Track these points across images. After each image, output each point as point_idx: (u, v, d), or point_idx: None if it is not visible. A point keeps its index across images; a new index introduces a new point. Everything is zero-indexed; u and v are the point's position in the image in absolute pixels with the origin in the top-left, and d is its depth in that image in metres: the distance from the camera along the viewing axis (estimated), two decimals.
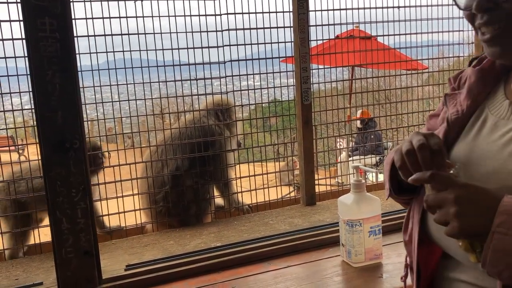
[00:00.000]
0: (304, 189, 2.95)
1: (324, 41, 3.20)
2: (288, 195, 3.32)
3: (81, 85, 2.45)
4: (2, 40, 2.29)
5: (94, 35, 2.54)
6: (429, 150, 0.92)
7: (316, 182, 3.04)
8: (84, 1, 2.48)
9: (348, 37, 3.83)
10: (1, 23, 2.28)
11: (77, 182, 1.91)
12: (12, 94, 2.48)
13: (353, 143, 7.72)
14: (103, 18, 2.53)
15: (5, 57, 2.37)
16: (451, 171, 0.90)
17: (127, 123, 3.25)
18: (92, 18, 2.51)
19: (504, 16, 0.89)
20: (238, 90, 3.11)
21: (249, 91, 3.12)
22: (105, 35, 2.56)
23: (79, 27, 2.44)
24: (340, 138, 6.73)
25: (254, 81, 2.94)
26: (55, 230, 1.89)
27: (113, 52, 2.60)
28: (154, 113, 3.04)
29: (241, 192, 3.00)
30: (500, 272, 0.80)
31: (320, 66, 3.64)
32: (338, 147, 6.33)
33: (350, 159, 6.37)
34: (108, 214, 2.64)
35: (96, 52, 2.57)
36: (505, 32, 0.90)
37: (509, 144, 0.94)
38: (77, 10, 2.41)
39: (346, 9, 3.03)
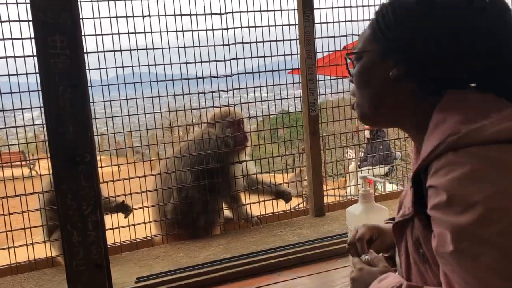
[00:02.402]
0: (312, 200, 2.96)
1: (330, 52, 3.23)
2: (297, 207, 3.32)
3: (91, 100, 2.50)
4: (14, 57, 2.34)
5: (104, 51, 2.59)
6: (353, 243, 1.25)
7: (325, 193, 3.05)
8: (94, 18, 2.53)
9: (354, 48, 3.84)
10: (13, 40, 2.34)
11: (87, 195, 1.93)
12: (22, 110, 2.52)
13: (362, 153, 7.71)
14: (112, 34, 2.58)
15: (17, 74, 2.42)
16: (365, 257, 1.15)
17: (136, 136, 3.28)
18: (102, 35, 2.56)
19: (353, 89, 1.06)
20: (246, 102, 3.13)
21: (257, 103, 3.15)
22: (114, 50, 2.60)
23: (89, 43, 2.50)
24: (349, 149, 6.74)
25: (261, 93, 2.97)
26: (66, 243, 1.91)
27: (123, 67, 2.64)
28: (163, 126, 3.07)
29: (250, 203, 3.01)
30: None
31: (327, 77, 3.66)
32: (347, 158, 6.33)
33: (359, 169, 6.37)
34: (119, 227, 2.66)
35: (106, 68, 2.61)
36: (357, 101, 1.05)
37: None
38: (87, 26, 2.46)
39: (351, 21, 3.06)
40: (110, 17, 2.56)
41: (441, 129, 0.85)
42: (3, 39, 2.34)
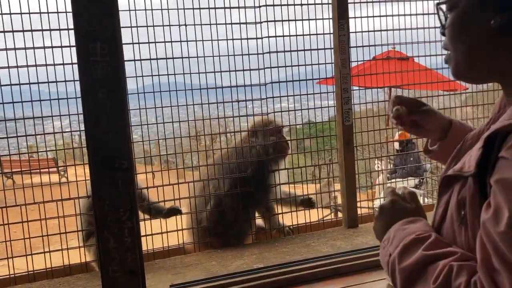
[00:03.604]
0: (346, 211, 2.92)
1: (364, 61, 3.21)
2: (329, 217, 3.28)
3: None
4: (54, 65, 2.39)
5: (140, 59, 2.62)
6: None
7: (358, 204, 3.00)
8: (131, 27, 2.56)
9: (385, 58, 3.82)
10: (53, 49, 2.39)
11: (125, 202, 1.94)
12: (53, 118, 2.57)
13: (392, 165, 7.59)
14: (148, 43, 2.61)
15: (56, 81, 2.47)
16: (400, 190, 1.07)
17: (164, 145, 3.29)
18: (139, 43, 2.59)
19: (447, 42, 0.96)
20: (279, 111, 3.11)
21: (284, 112, 3.14)
22: (150, 59, 2.63)
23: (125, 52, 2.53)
24: (378, 160, 6.64)
25: (288, 103, 2.96)
26: (103, 249, 1.92)
27: (158, 75, 2.67)
28: (195, 135, 3.09)
29: (282, 213, 2.98)
30: (388, 273, 0.93)
31: (356, 88, 3.63)
32: (377, 169, 6.24)
33: (388, 182, 6.27)
34: (152, 234, 2.67)
35: (142, 76, 2.64)
36: (450, 55, 0.96)
37: None
38: (124, 35, 2.49)
39: (387, 30, 3.03)
40: (147, 26, 2.60)
41: None
42: (44, 47, 2.39)
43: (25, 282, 2.42)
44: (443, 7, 0.95)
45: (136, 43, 2.59)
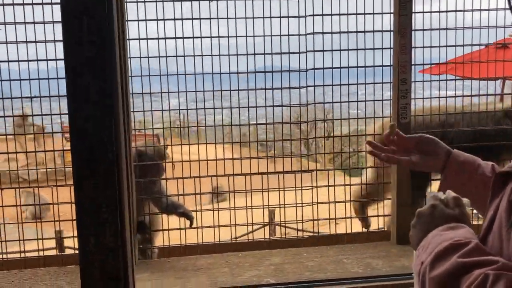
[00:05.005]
0: (395, 224, 2.49)
1: (481, 48, 2.81)
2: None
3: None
4: (54, 41, 2.26)
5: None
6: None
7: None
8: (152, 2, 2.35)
9: (503, 45, 3.28)
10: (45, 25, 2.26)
11: (109, 198, 1.75)
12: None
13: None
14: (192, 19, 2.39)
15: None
16: (443, 195, 0.93)
17: (261, 128, 3.05)
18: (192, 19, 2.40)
19: None
20: (338, 102, 2.72)
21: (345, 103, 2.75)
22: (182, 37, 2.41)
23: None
24: None
25: (333, 93, 2.57)
26: (82, 249, 1.75)
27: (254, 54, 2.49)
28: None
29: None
30: (418, 285, 0.83)
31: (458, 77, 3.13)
32: None
33: None
34: (168, 229, 2.48)
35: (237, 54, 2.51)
36: None
37: None
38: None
39: (463, 10, 2.48)
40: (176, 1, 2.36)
41: None
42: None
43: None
44: None
45: (161, 19, 2.39)
